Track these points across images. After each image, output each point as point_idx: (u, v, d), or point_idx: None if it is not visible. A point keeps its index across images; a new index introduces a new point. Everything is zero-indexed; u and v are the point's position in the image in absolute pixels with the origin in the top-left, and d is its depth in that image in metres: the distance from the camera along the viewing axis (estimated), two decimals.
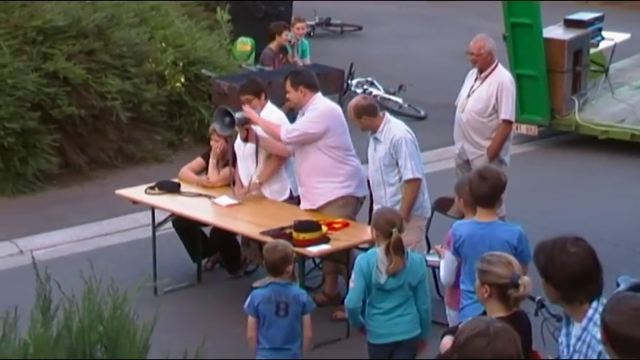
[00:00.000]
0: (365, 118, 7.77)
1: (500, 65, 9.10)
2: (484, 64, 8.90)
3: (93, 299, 4.73)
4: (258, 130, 8.25)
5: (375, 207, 7.86)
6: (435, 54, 16.28)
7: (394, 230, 6.19)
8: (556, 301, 4.20)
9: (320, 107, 8.08)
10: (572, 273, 4.07)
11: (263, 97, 8.41)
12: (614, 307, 3.64)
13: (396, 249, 6.20)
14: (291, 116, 8.80)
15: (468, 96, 8.98)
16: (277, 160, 8.35)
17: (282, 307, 6.34)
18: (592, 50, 12.91)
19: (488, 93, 8.85)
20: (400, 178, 7.72)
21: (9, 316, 4.79)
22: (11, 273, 8.78)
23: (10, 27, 11.10)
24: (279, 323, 6.36)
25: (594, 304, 4.12)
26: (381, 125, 7.76)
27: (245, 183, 8.45)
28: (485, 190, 6.17)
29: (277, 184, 8.42)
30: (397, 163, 7.70)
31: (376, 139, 7.80)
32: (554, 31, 12.54)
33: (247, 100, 8.35)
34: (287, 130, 8.06)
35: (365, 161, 8.12)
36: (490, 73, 8.91)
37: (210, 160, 8.77)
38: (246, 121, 8.21)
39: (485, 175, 6.22)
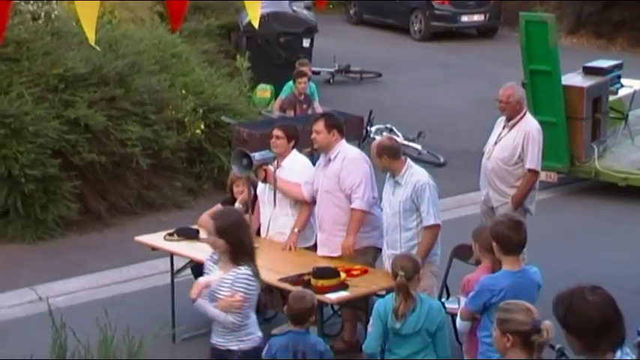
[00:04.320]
0: (385, 158, 7.77)
1: (528, 114, 9.06)
2: (512, 112, 8.88)
3: (108, 347, 4.71)
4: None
5: (388, 251, 7.83)
6: (455, 101, 16.28)
7: (400, 273, 6.28)
8: (579, 352, 4.14)
9: (350, 156, 8.03)
10: (593, 321, 4.03)
11: (293, 143, 8.38)
12: None
13: (399, 290, 6.31)
14: (311, 160, 8.79)
15: (495, 143, 8.95)
16: (309, 206, 8.31)
17: (299, 355, 6.30)
18: (611, 97, 12.88)
19: (515, 141, 8.82)
20: (418, 224, 7.70)
21: None
22: (30, 320, 8.77)
23: (33, 75, 11.19)
24: None
25: (618, 353, 4.07)
26: (403, 169, 7.76)
27: (264, 226, 8.42)
28: (522, 238, 6.19)
29: (305, 231, 8.38)
30: (417, 209, 7.68)
31: (396, 183, 7.78)
32: (574, 79, 12.53)
33: (276, 136, 8.32)
34: (358, 197, 7.89)
35: None
36: (518, 121, 8.88)
37: (236, 205, 8.75)
38: (264, 162, 8.21)
39: (518, 224, 6.22)
